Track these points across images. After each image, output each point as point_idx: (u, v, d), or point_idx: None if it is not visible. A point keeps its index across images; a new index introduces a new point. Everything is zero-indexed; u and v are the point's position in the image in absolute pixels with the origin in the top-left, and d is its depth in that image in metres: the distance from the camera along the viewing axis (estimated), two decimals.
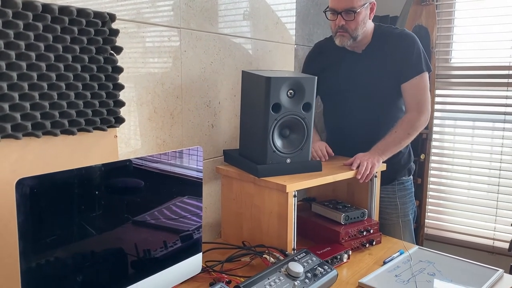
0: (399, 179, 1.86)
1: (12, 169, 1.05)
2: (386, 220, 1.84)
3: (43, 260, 0.87)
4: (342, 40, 1.70)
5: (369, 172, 1.58)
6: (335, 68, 1.82)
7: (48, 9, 1.07)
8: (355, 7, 1.62)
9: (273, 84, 1.41)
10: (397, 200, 1.84)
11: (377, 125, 1.76)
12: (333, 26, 1.70)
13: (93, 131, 1.22)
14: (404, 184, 1.88)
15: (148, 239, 1.12)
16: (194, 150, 1.23)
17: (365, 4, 1.65)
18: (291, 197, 1.40)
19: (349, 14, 1.63)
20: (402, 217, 1.85)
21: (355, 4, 1.62)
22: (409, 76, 1.70)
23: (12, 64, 1.02)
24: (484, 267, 1.45)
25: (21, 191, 0.81)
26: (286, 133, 1.50)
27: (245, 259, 1.42)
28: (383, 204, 1.82)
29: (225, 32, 1.73)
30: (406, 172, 1.88)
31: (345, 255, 1.48)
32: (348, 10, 1.63)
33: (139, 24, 1.39)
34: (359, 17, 1.65)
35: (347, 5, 1.62)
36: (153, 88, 1.46)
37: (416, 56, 1.70)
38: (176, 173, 1.19)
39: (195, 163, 1.24)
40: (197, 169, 1.25)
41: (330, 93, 1.84)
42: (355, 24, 1.65)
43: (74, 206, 0.92)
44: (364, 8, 1.65)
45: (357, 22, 1.65)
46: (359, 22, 1.66)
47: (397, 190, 1.85)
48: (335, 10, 1.66)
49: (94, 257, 0.98)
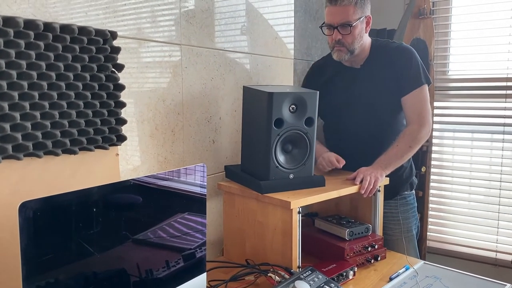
0: (401, 194, 1.85)
1: (13, 190, 1.03)
2: (389, 236, 1.82)
3: (46, 283, 0.84)
4: (340, 55, 1.71)
5: (372, 186, 1.57)
6: (334, 84, 1.82)
7: (49, 28, 1.06)
8: (351, 20, 1.63)
9: (275, 99, 1.40)
10: (399, 215, 1.83)
11: (378, 140, 1.75)
12: (330, 41, 1.71)
13: (95, 150, 1.20)
14: (406, 199, 1.86)
15: (150, 258, 1.10)
16: (199, 167, 1.21)
17: (361, 18, 1.66)
18: (295, 213, 1.38)
19: (345, 28, 1.64)
20: (405, 233, 1.83)
21: (350, 18, 1.63)
22: (409, 89, 1.70)
23: (14, 84, 1.00)
24: (491, 281, 1.44)
25: (24, 214, 0.79)
26: (288, 148, 1.49)
27: (250, 278, 1.39)
28: (386, 220, 1.80)
29: (225, 47, 1.73)
30: (408, 186, 1.87)
31: (350, 272, 1.46)
32: (343, 24, 1.63)
33: (140, 41, 1.39)
34: (355, 31, 1.65)
35: (342, 19, 1.63)
36: (154, 105, 1.45)
37: (415, 69, 1.70)
38: (180, 190, 1.18)
39: (199, 180, 1.22)
40: (201, 185, 1.23)
41: (329, 109, 1.82)
42: (351, 38, 1.66)
43: (76, 227, 0.90)
44: (360, 22, 1.65)
45: (353, 36, 1.66)
46: (356, 36, 1.66)
47: (400, 205, 1.84)
48: (331, 25, 1.67)
49: (98, 279, 0.96)
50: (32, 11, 1.10)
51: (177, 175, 1.16)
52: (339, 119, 1.83)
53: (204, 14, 1.62)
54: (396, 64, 1.71)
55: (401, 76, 1.70)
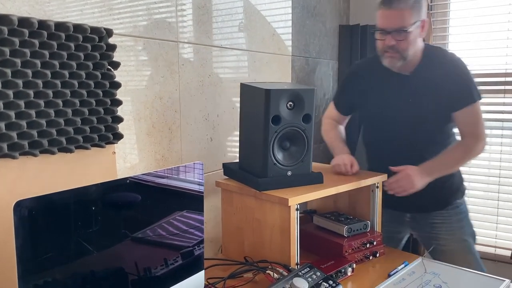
0: (453, 203, 1.76)
1: (9, 189, 1.02)
2: (444, 246, 1.75)
3: (43, 282, 0.84)
4: (392, 62, 1.60)
5: (403, 189, 1.56)
6: (379, 91, 1.71)
7: (44, 26, 1.06)
8: (406, 26, 1.51)
9: (272, 96, 1.40)
10: (452, 225, 1.76)
11: (423, 151, 1.66)
12: (381, 46, 1.59)
13: (91, 148, 1.20)
14: (458, 207, 1.78)
15: (148, 256, 1.10)
16: (197, 164, 1.21)
17: (416, 22, 1.53)
18: (293, 210, 1.38)
19: (400, 33, 1.53)
20: (460, 242, 1.75)
21: (406, 23, 1.51)
22: (461, 105, 1.61)
23: (8, 82, 1.00)
24: (490, 277, 1.43)
25: (19, 213, 0.78)
26: (286, 145, 1.48)
27: (248, 275, 1.39)
28: (438, 230, 1.75)
29: (222, 44, 1.72)
30: (459, 194, 1.79)
31: (349, 269, 1.45)
32: (398, 29, 1.52)
33: (136, 38, 1.38)
34: (410, 36, 1.54)
35: (397, 24, 1.52)
36: (151, 103, 1.44)
37: (468, 85, 1.61)
38: (178, 188, 1.17)
39: (196, 178, 1.22)
40: (199, 183, 1.22)
41: (372, 116, 1.75)
42: (406, 44, 1.55)
43: (73, 226, 0.90)
44: (415, 27, 1.54)
45: (408, 42, 1.54)
46: (411, 42, 1.55)
47: (452, 214, 1.76)
48: (384, 30, 1.55)
49: (95, 277, 0.95)
50: (26, 9, 1.09)
51: (175, 173, 1.16)
52: (382, 126, 1.73)
53: (201, 11, 1.61)
54: (450, 77, 1.61)
55: (454, 91, 1.60)
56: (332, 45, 2.48)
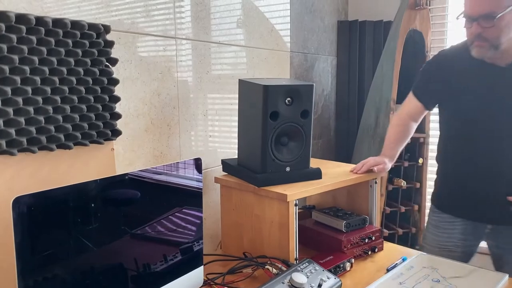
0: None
1: (8, 186, 1.03)
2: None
3: (42, 278, 0.84)
4: (480, 52, 1.41)
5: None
6: (468, 83, 1.50)
7: (41, 22, 1.06)
8: (495, 11, 1.31)
9: (270, 92, 1.40)
10: None
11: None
12: (469, 35, 1.43)
13: (90, 145, 1.20)
14: None
15: (148, 252, 1.10)
16: (195, 161, 1.21)
17: (510, 7, 1.32)
18: (292, 206, 1.38)
19: (488, 20, 1.34)
20: None
21: (495, 8, 1.31)
22: None
23: (6, 79, 1.00)
24: (488, 271, 1.44)
25: (18, 209, 0.79)
26: (285, 141, 1.49)
27: (247, 270, 1.39)
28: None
29: (221, 40, 1.72)
30: None
31: (347, 264, 1.46)
32: (486, 15, 1.34)
33: (134, 35, 1.38)
34: (502, 23, 1.33)
35: (484, 9, 1.33)
36: (149, 99, 1.45)
37: None
38: (176, 184, 1.17)
39: (195, 174, 1.22)
40: (197, 179, 1.23)
41: (459, 113, 1.53)
42: (496, 32, 1.35)
43: (72, 222, 0.90)
44: (508, 12, 1.32)
45: (498, 29, 1.34)
46: (502, 29, 1.34)
47: None
48: (470, 17, 1.39)
49: (94, 273, 0.96)
50: (24, 5, 1.09)
51: (174, 169, 1.16)
52: (472, 127, 1.51)
53: (199, 7, 1.61)
54: None
55: None
56: (331, 41, 2.48)
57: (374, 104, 2.23)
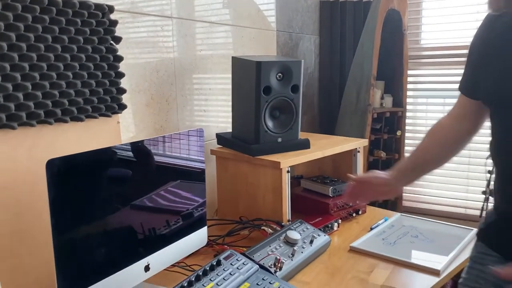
0: None
1: (28, 155, 1.11)
2: None
3: (72, 234, 0.94)
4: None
5: None
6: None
7: (53, 3, 1.13)
8: None
9: (263, 68, 1.50)
10: None
11: None
12: None
13: (99, 118, 1.29)
14: None
15: (158, 217, 1.21)
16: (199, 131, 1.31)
17: None
18: (284, 172, 1.51)
19: None
20: None
21: None
22: None
23: (24, 56, 1.07)
24: (460, 227, 1.61)
25: (51, 170, 0.88)
26: (276, 114, 1.60)
27: (244, 232, 1.52)
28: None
29: (212, 20, 1.81)
30: None
31: (335, 224, 1.60)
32: None
33: (134, 14, 1.46)
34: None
35: None
36: (149, 76, 1.53)
37: None
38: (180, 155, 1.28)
39: (198, 144, 1.33)
40: (200, 150, 1.33)
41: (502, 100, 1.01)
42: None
43: (95, 184, 1.00)
44: None
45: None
46: None
47: None
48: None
49: (110, 234, 1.06)
50: None
51: (182, 137, 1.26)
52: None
53: None
54: None
55: None
56: (314, 21, 2.59)
57: (355, 81, 2.35)
